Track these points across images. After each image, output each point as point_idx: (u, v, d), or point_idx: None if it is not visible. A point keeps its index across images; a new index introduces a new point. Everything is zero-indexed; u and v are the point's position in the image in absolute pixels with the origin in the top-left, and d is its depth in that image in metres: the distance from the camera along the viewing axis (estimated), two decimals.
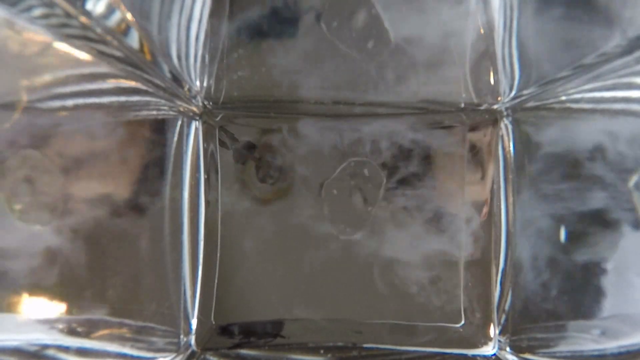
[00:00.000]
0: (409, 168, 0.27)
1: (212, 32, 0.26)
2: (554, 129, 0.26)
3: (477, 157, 0.27)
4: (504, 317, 0.26)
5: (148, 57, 0.22)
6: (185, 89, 0.26)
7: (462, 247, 0.27)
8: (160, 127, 0.26)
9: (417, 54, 0.26)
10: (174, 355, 0.26)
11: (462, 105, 0.27)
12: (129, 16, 0.20)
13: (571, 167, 0.25)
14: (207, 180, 0.27)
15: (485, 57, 0.26)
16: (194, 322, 0.27)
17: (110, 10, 0.19)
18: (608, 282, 0.23)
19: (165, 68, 0.24)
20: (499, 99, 0.26)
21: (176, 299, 0.26)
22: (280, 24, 0.26)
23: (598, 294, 0.23)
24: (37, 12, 0.17)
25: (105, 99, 0.22)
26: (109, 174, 0.23)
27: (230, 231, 0.27)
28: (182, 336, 0.26)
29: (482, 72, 0.26)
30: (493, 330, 0.27)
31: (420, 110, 0.27)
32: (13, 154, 0.19)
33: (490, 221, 0.27)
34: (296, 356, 0.27)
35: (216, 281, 0.27)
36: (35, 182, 0.20)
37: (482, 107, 0.27)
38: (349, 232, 0.27)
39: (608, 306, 0.23)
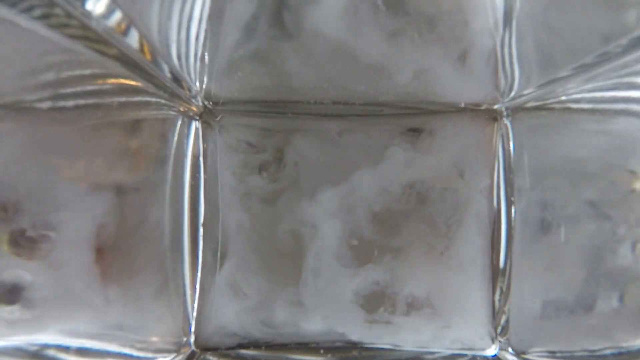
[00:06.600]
0: (410, 167, 0.27)
1: (212, 32, 0.26)
2: (554, 129, 0.26)
3: (476, 157, 0.27)
4: (504, 317, 0.26)
5: (148, 57, 0.22)
6: (185, 89, 0.26)
7: (462, 246, 0.27)
8: (160, 127, 0.26)
9: (417, 54, 0.26)
10: (174, 355, 0.26)
11: (462, 105, 0.27)
12: (128, 16, 0.20)
13: (571, 166, 0.25)
14: (207, 180, 0.27)
15: (485, 57, 0.26)
16: (193, 322, 0.27)
17: (110, 10, 0.19)
18: (608, 282, 0.23)
19: (165, 68, 0.24)
20: (499, 99, 0.26)
21: (176, 299, 0.26)
22: (279, 24, 0.26)
23: (598, 293, 0.23)
24: (37, 12, 0.17)
25: (105, 99, 0.22)
26: (109, 173, 0.23)
27: (230, 231, 0.27)
28: (182, 336, 0.26)
29: (483, 72, 0.26)
30: (493, 331, 0.27)
31: (420, 111, 0.27)
32: None
33: (491, 221, 0.27)
34: (296, 356, 0.27)
35: (216, 281, 0.27)
36: None
37: (482, 107, 0.27)
38: (350, 231, 0.27)
39: (608, 306, 0.23)
